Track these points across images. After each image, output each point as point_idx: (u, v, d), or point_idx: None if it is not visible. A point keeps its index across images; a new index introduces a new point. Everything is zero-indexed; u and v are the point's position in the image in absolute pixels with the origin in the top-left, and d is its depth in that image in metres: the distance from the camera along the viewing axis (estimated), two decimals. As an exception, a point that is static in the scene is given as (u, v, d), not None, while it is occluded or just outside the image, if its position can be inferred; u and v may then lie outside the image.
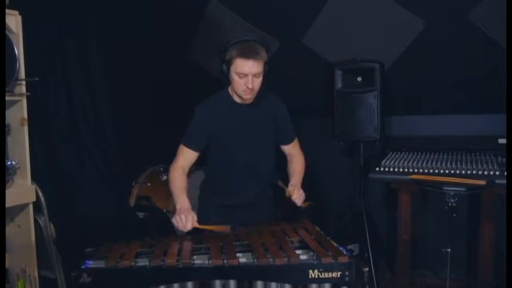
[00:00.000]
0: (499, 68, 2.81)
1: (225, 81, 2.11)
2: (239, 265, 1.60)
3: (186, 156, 2.12)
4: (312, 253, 1.68)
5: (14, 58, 2.28)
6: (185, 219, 1.88)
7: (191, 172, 2.93)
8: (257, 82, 2.02)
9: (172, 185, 2.06)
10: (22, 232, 2.44)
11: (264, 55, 2.01)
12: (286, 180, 2.24)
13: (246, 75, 1.99)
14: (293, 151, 2.30)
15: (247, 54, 1.96)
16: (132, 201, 3.42)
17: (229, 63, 2.02)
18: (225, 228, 1.92)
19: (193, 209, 1.99)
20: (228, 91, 2.16)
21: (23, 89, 2.37)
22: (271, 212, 2.31)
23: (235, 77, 2.02)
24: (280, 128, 2.24)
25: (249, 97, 2.08)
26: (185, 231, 1.89)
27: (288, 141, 2.29)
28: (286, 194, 2.10)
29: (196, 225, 1.91)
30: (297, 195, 2.07)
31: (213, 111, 2.13)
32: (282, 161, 2.33)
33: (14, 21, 2.31)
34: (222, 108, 2.13)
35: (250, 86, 2.00)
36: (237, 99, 2.14)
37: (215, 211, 2.21)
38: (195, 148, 2.13)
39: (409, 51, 3.10)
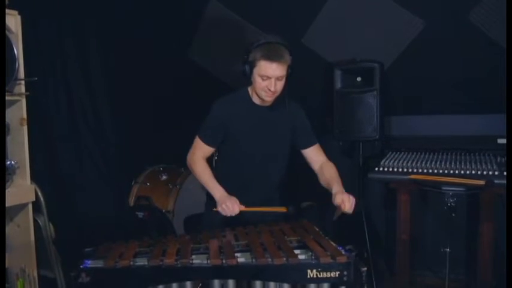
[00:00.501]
0: (498, 68, 2.81)
1: (231, 82, 2.11)
2: (238, 265, 1.60)
3: (203, 149, 2.15)
4: (310, 253, 1.67)
5: (13, 58, 2.28)
6: (231, 205, 1.97)
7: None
8: (279, 85, 2.01)
9: (201, 177, 2.11)
10: (21, 232, 2.44)
11: (288, 58, 1.99)
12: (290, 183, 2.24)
13: (269, 78, 1.97)
14: (318, 157, 2.22)
15: (272, 57, 1.95)
16: (131, 201, 3.43)
17: (252, 65, 2.00)
18: (278, 209, 2.03)
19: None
20: (248, 91, 2.15)
21: (22, 88, 2.37)
22: (278, 215, 2.30)
23: (258, 79, 2.00)
24: (299, 133, 2.20)
25: (270, 99, 2.07)
26: (233, 215, 1.99)
27: (308, 144, 2.21)
28: (336, 204, 1.96)
29: (243, 207, 2.01)
30: (349, 206, 1.92)
31: (230, 109, 2.12)
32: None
33: (13, 21, 2.31)
34: (239, 107, 2.12)
35: (272, 89, 1.99)
36: (257, 101, 2.13)
37: None
38: (210, 143, 2.14)
39: (408, 51, 3.10)
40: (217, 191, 2.06)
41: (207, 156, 2.17)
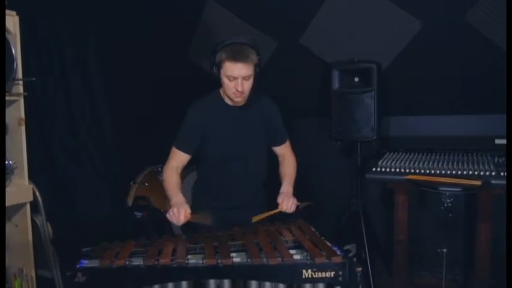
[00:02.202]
0: (496, 68, 2.82)
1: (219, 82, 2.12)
2: (233, 265, 1.61)
3: (178, 158, 2.13)
4: (305, 253, 1.68)
5: (12, 58, 2.29)
6: (177, 213, 1.89)
7: (186, 173, 2.94)
8: (247, 85, 2.02)
9: (166, 184, 2.08)
10: (19, 231, 2.46)
11: (254, 58, 2.00)
12: (277, 181, 2.25)
13: (236, 78, 1.99)
14: (285, 152, 2.30)
15: (237, 57, 1.96)
16: (130, 201, 3.43)
17: (219, 66, 2.01)
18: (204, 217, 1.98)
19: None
20: (220, 93, 2.16)
21: (20, 88, 2.38)
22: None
23: (225, 80, 2.02)
24: (272, 129, 2.23)
25: (239, 100, 2.08)
26: (179, 224, 1.91)
27: (280, 142, 2.28)
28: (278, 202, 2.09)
29: (189, 217, 1.92)
30: (287, 207, 2.05)
31: (205, 113, 2.13)
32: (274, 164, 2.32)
33: (11, 21, 2.33)
34: (213, 110, 2.13)
35: (239, 89, 2.00)
36: (229, 101, 2.14)
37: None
38: (187, 151, 2.13)
39: (406, 51, 3.10)
40: (175, 197, 2.00)
41: (183, 165, 2.15)
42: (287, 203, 2.05)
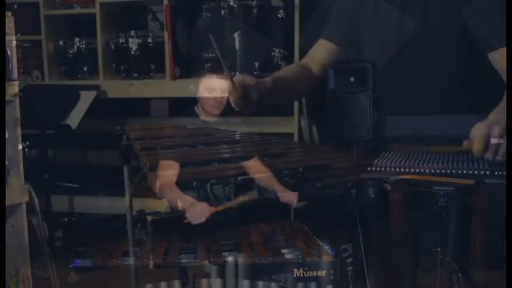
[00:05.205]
0: (492, 68, 2.82)
1: None
2: (224, 264, 1.62)
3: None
4: (297, 252, 1.69)
5: (7, 59, 2.30)
6: (200, 209, 1.89)
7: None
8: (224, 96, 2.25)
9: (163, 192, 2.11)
10: (15, 232, 2.46)
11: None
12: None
13: (215, 90, 2.29)
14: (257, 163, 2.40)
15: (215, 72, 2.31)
16: (127, 202, 3.43)
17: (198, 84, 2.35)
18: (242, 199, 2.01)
19: None
20: (195, 110, 2.42)
21: (16, 89, 2.39)
22: None
23: (205, 94, 2.33)
24: None
25: (217, 112, 2.34)
26: (203, 220, 1.88)
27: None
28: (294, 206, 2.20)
29: (213, 209, 1.91)
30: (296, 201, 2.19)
31: None
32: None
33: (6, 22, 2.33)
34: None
35: (219, 99, 2.29)
36: (205, 118, 2.38)
37: None
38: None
39: (402, 51, 3.10)
40: (185, 198, 2.02)
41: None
42: (295, 196, 2.25)
